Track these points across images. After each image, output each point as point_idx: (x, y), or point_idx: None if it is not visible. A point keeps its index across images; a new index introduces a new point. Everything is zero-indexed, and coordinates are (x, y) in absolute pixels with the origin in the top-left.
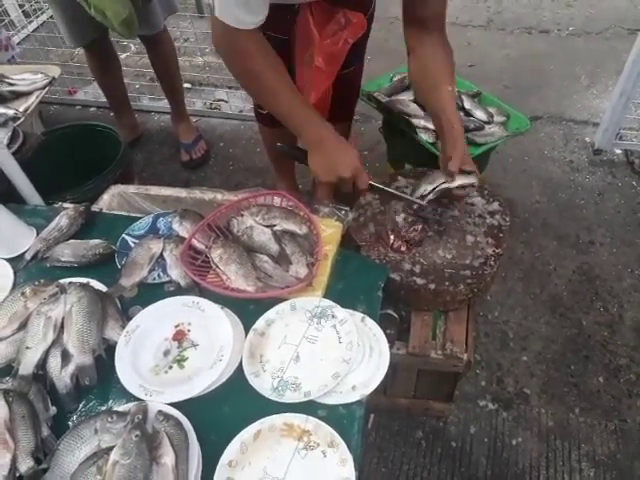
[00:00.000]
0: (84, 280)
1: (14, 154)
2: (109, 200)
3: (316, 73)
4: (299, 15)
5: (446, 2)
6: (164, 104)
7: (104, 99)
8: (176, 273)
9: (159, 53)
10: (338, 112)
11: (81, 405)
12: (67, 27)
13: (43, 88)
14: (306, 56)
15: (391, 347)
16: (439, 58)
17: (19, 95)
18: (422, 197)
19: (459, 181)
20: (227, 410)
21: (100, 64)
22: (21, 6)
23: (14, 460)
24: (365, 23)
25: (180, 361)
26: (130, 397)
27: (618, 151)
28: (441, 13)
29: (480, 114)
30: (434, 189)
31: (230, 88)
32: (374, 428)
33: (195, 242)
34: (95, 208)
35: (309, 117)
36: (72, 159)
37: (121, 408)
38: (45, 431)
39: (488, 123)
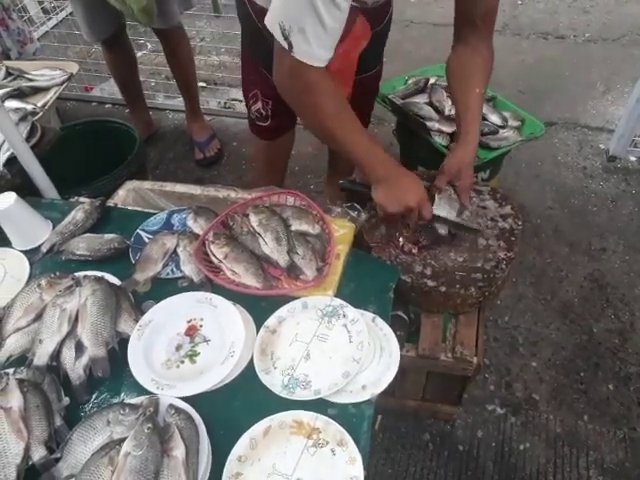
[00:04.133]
0: (99, 274)
1: (32, 148)
2: (124, 195)
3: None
4: None
5: (497, 4)
6: (179, 102)
7: (120, 96)
8: (189, 269)
9: (175, 52)
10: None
11: (94, 397)
12: (86, 22)
13: (61, 84)
14: None
15: (400, 349)
16: (477, 59)
17: (38, 90)
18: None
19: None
20: (237, 406)
21: (117, 59)
22: (40, 3)
23: (27, 449)
24: (368, 34)
25: (192, 356)
26: (142, 390)
27: (633, 158)
28: (490, 13)
29: (495, 118)
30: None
31: None
32: (381, 429)
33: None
34: (110, 203)
35: (374, 154)
36: (88, 154)
37: (133, 401)
38: (58, 421)
39: (502, 127)
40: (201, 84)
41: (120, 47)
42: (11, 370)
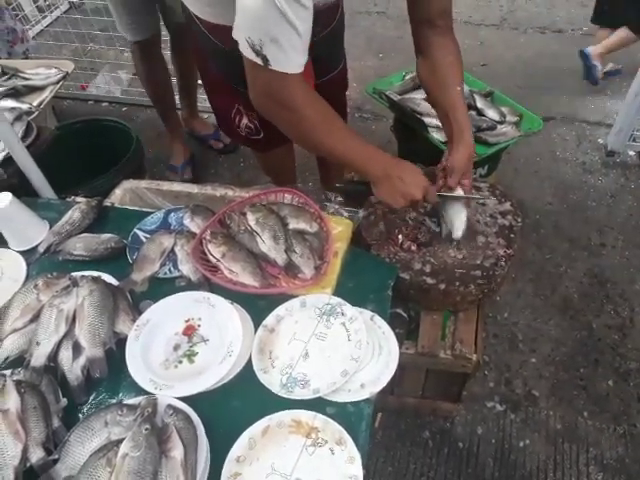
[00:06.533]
0: (96, 274)
1: (28, 148)
2: (121, 195)
3: None
4: None
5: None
6: (176, 99)
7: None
8: (187, 268)
9: (187, 48)
10: None
11: (91, 397)
12: (129, 17)
13: (57, 83)
14: None
15: (400, 347)
16: (448, 59)
17: (33, 89)
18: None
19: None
20: (236, 405)
21: (148, 64)
22: (35, 1)
23: (25, 450)
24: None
25: (190, 356)
26: (140, 391)
27: (631, 153)
28: (447, 11)
29: (492, 113)
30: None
31: None
32: (381, 427)
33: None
34: (107, 202)
35: (368, 154)
36: (85, 153)
37: (131, 401)
38: (56, 422)
39: (500, 123)
40: (199, 82)
41: (151, 52)
42: (8, 371)
